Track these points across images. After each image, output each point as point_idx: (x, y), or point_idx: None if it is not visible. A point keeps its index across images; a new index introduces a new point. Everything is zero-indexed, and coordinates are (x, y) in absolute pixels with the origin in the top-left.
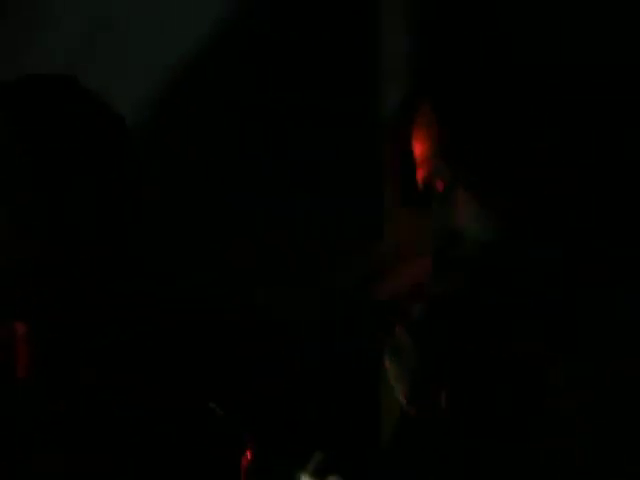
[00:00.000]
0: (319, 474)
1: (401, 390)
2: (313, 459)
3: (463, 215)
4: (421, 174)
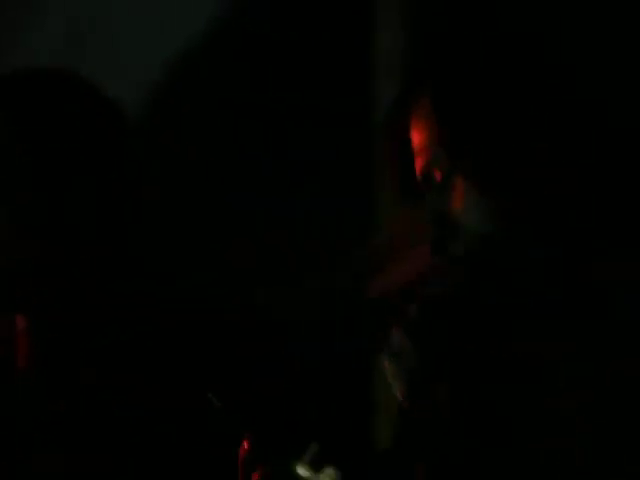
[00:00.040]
0: (315, 465)
1: (399, 388)
2: (309, 450)
3: (461, 205)
4: (419, 164)
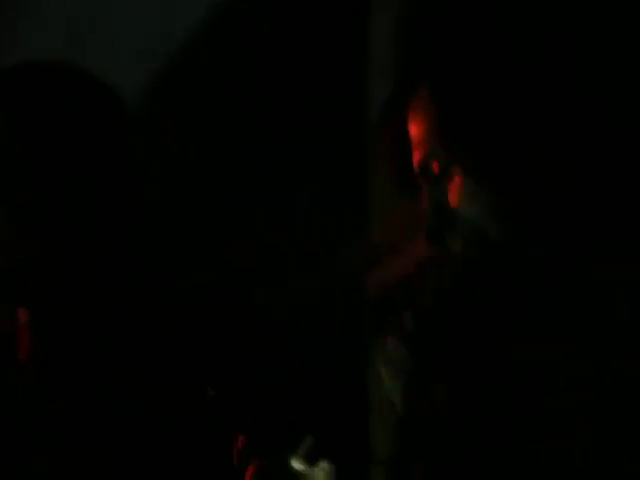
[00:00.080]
0: (310, 459)
1: (396, 394)
2: (304, 444)
3: (458, 196)
4: (417, 156)
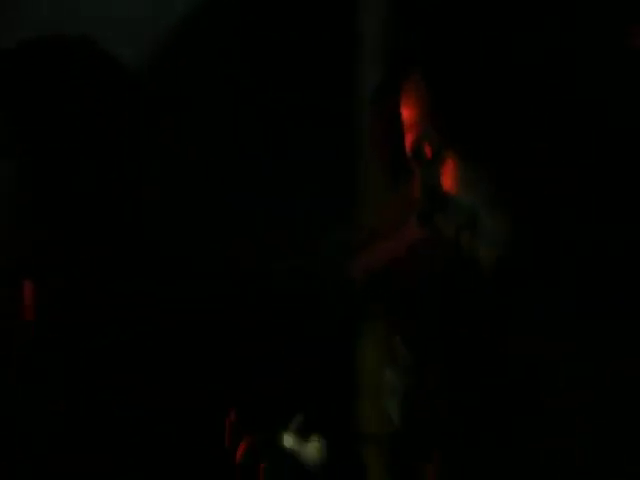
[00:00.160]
0: (301, 434)
1: (395, 404)
2: (295, 419)
3: (451, 180)
4: (409, 139)
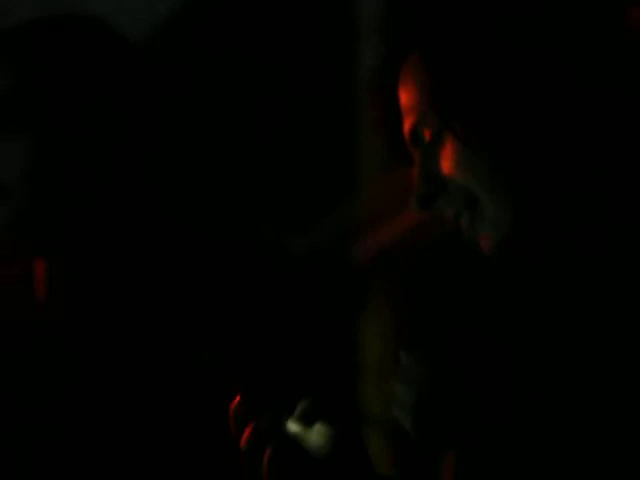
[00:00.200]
0: (306, 421)
1: (407, 419)
2: (300, 405)
3: (450, 164)
4: (408, 123)
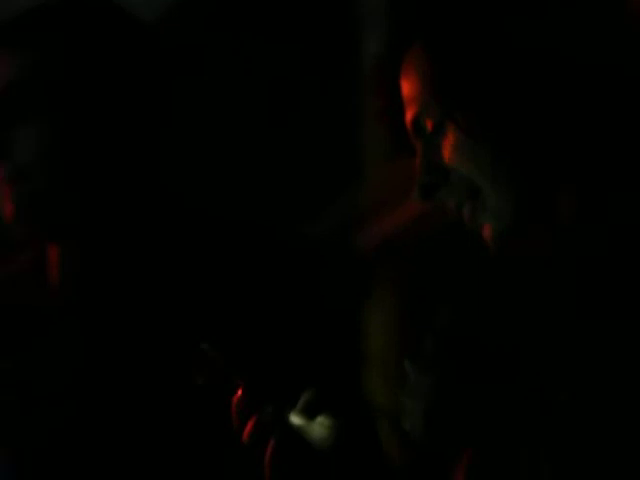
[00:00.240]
0: (309, 413)
1: (414, 426)
2: (303, 397)
3: (452, 154)
4: (410, 113)
